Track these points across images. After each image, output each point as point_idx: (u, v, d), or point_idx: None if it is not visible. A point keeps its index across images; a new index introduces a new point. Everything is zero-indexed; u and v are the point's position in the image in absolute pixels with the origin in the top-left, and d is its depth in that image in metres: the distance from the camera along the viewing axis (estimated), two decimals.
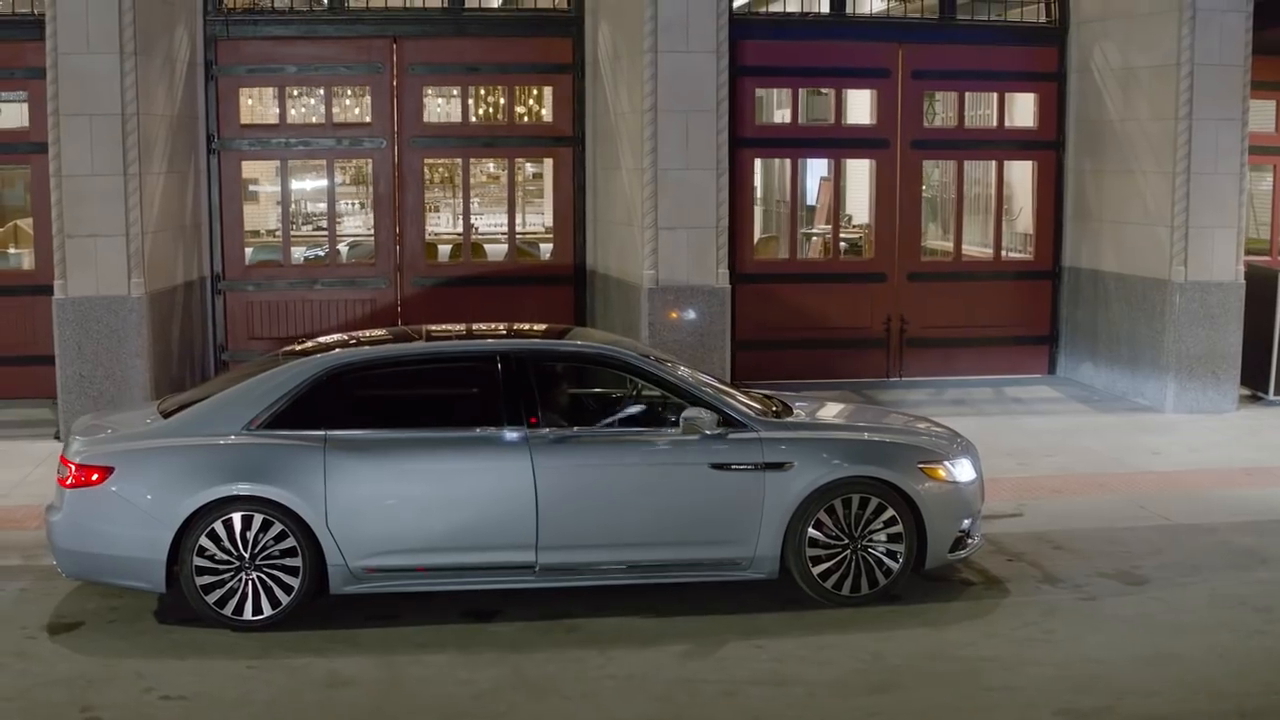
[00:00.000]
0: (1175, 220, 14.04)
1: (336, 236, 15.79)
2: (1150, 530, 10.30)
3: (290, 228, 15.65)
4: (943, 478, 8.73)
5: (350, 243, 18.59)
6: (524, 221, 20.18)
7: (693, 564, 8.49)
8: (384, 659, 7.73)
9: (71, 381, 12.81)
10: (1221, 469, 12.14)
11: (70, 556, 8.20)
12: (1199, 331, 14.16)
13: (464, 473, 8.29)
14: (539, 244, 18.58)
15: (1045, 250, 15.93)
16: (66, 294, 12.72)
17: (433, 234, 18.20)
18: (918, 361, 15.77)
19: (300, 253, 17.64)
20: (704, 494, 8.40)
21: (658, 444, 8.46)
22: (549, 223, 17.91)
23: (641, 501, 8.34)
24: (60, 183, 12.59)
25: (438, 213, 21.86)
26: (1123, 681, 7.40)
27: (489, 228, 20.28)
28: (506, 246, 15.95)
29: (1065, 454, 12.72)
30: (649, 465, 8.38)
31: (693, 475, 8.38)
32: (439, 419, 8.48)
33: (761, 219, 20.37)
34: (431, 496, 8.24)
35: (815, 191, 20.30)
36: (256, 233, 18.76)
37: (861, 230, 20.16)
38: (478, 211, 18.63)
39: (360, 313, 15.06)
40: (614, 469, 8.35)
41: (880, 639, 8.05)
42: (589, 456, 8.37)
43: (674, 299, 13.59)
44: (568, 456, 8.32)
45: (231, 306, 14.86)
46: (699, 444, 8.40)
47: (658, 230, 13.51)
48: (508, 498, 8.24)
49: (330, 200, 15.55)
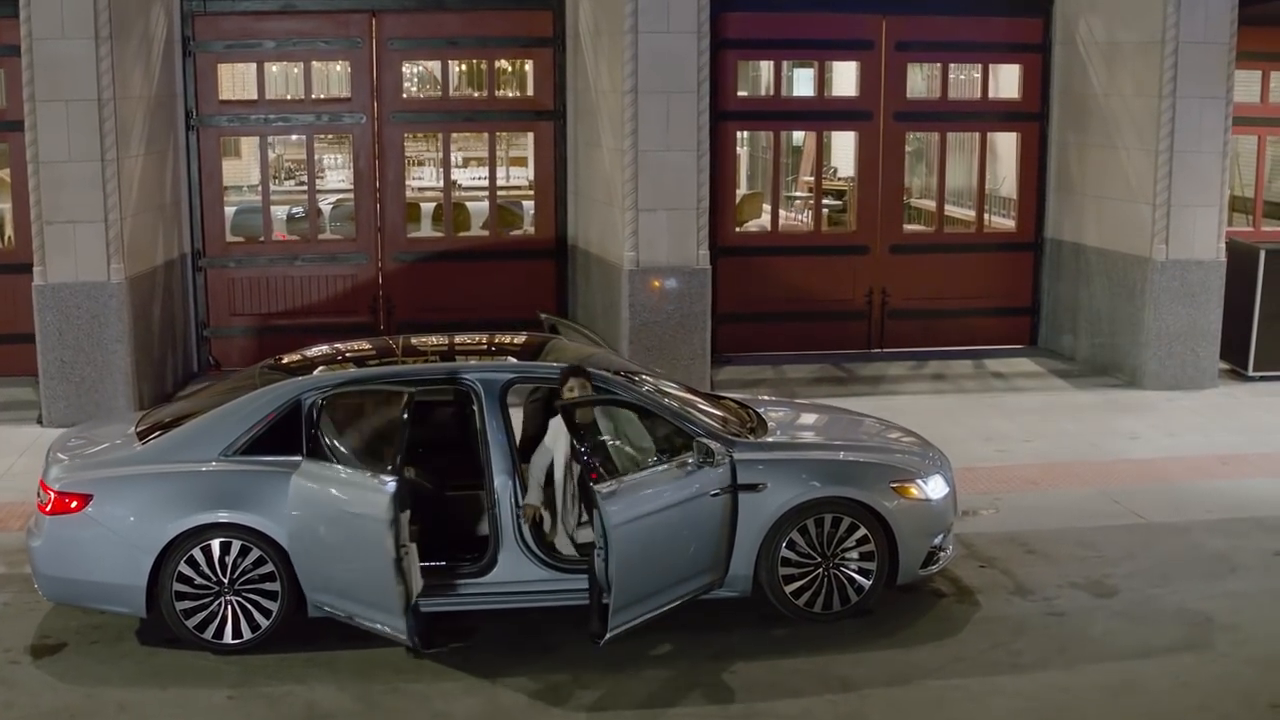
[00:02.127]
0: (1157, 199, 14.04)
1: (318, 204, 15.71)
2: (1122, 531, 10.41)
3: (270, 193, 15.55)
4: (915, 496, 8.82)
5: (333, 202, 18.57)
6: (508, 176, 20.13)
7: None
8: (362, 688, 7.84)
9: (53, 367, 12.84)
10: (1197, 457, 12.24)
11: (52, 582, 8.28)
12: (1179, 309, 14.22)
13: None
14: (521, 201, 18.57)
15: (1027, 222, 15.93)
16: (46, 280, 12.72)
17: (414, 190, 18.18)
18: (899, 333, 15.82)
19: (282, 211, 17.62)
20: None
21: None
22: (531, 176, 17.89)
23: None
24: (38, 169, 12.54)
25: (421, 166, 21.78)
26: (1088, 715, 7.54)
27: (471, 181, 20.20)
28: (487, 206, 15.89)
29: (1043, 439, 12.81)
30: None
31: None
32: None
33: (747, 164, 20.29)
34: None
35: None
36: (239, 187, 18.71)
37: (846, 183, 20.16)
38: (459, 165, 18.52)
39: (341, 288, 15.06)
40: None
41: (850, 662, 8.17)
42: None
43: (656, 292, 13.58)
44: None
45: (213, 283, 14.84)
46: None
47: (638, 212, 13.49)
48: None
49: (310, 177, 15.47)
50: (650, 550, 7.89)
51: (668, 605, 8.12)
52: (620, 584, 7.73)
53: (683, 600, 8.24)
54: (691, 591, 8.29)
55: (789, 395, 14.20)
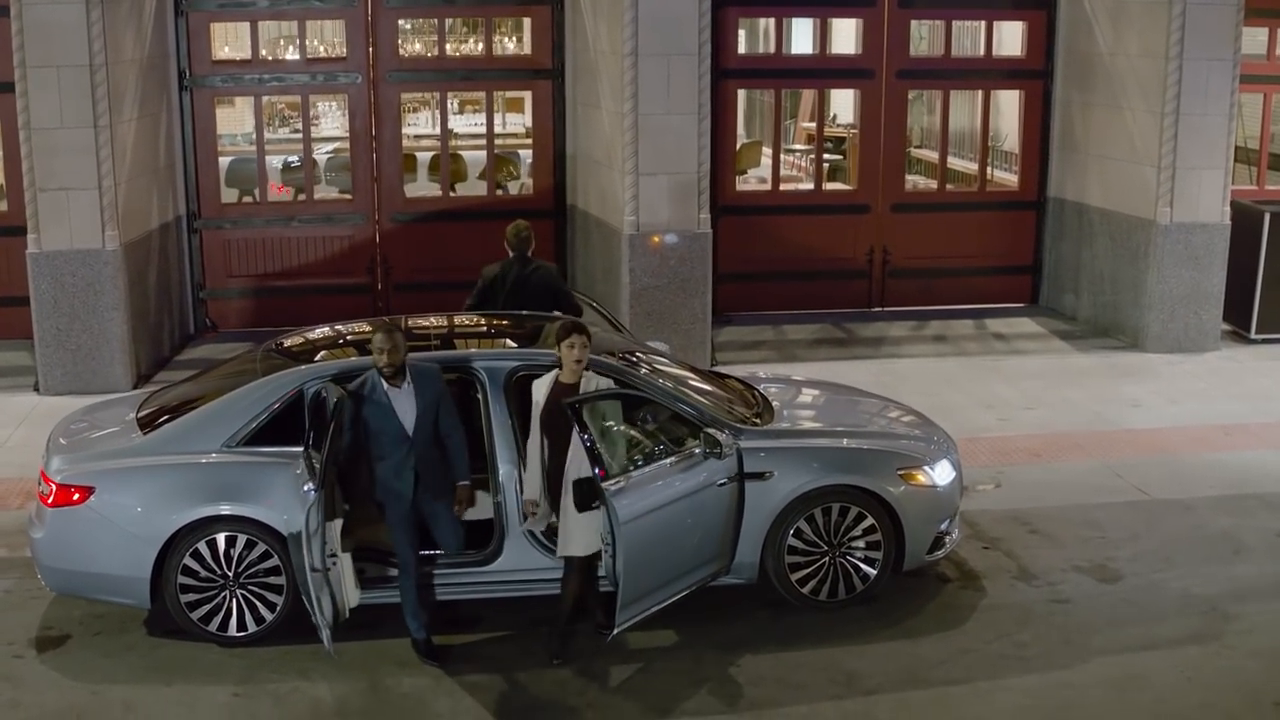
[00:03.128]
0: (1162, 161, 13.91)
1: (313, 159, 15.53)
2: (1126, 509, 10.39)
3: (265, 148, 15.37)
4: (922, 482, 8.78)
5: (329, 151, 18.39)
6: (504, 123, 19.94)
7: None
8: (368, 682, 7.82)
9: (49, 335, 12.74)
10: (1200, 427, 12.21)
11: (55, 573, 8.24)
12: (1183, 273, 14.13)
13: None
14: (518, 151, 18.39)
15: (1030, 181, 15.80)
16: (40, 248, 12.58)
17: (410, 138, 17.97)
18: (900, 292, 15.75)
19: (277, 161, 17.45)
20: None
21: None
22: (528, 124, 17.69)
23: None
24: (30, 136, 12.37)
25: (416, 113, 21.55)
26: (1092, 713, 7.54)
27: (467, 128, 20.00)
28: (484, 156, 15.73)
29: (1045, 406, 12.77)
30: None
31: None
32: None
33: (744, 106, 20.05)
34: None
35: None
36: (233, 136, 18.52)
37: (846, 130, 19.97)
38: (455, 112, 18.29)
39: (338, 249, 14.92)
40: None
41: (855, 654, 8.17)
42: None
43: (656, 249, 13.46)
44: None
45: (208, 245, 14.70)
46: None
47: (638, 176, 13.34)
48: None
49: (305, 137, 15.30)
50: (657, 544, 7.85)
51: (674, 596, 8.10)
52: (628, 579, 7.70)
53: (689, 590, 8.22)
54: (698, 581, 8.27)
55: (789, 358, 14.18)
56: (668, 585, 8.04)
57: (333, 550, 7.42)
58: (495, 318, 9.99)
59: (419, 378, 7.94)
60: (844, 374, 13.52)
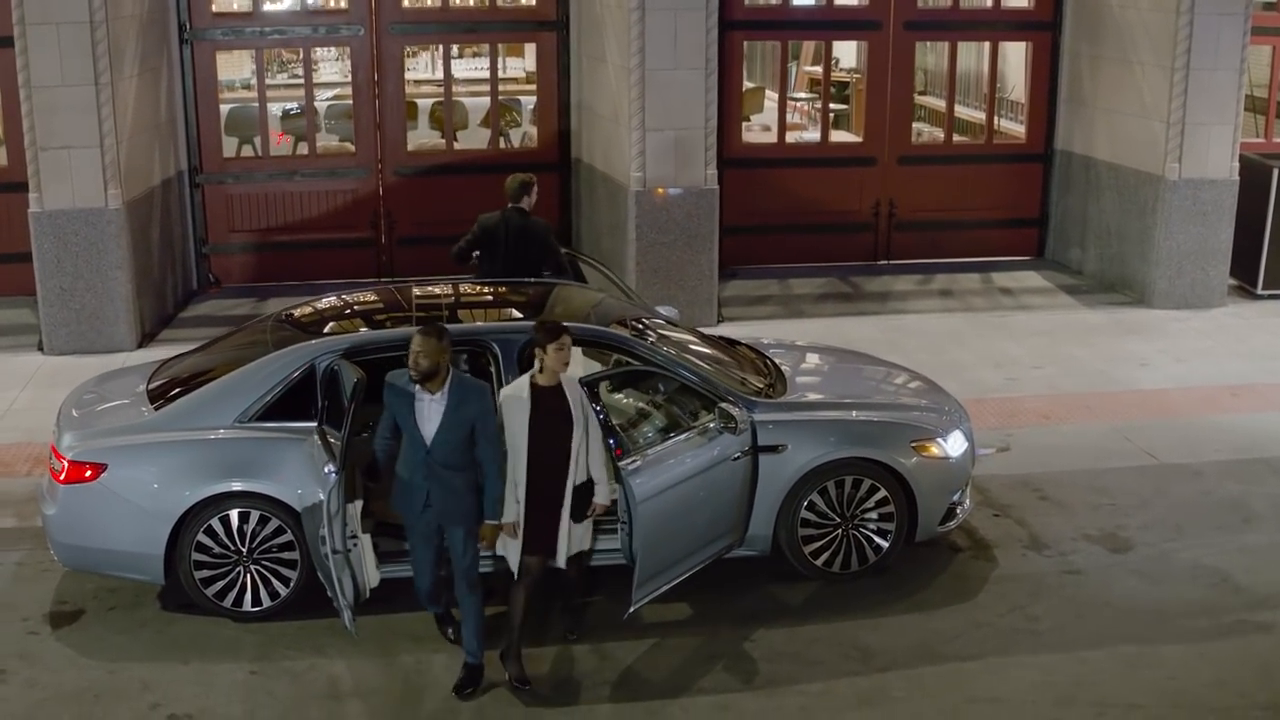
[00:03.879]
0: (1172, 116, 13.81)
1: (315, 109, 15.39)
2: (1135, 474, 10.40)
3: (266, 97, 15.22)
4: (935, 454, 8.77)
5: (329, 98, 18.23)
6: (504, 67, 19.74)
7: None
8: (384, 659, 7.84)
9: (52, 295, 12.67)
10: (1208, 387, 12.20)
11: (68, 550, 8.23)
12: (1191, 229, 14.07)
13: None
14: (519, 98, 18.23)
15: (1037, 133, 15.69)
16: (43, 207, 12.48)
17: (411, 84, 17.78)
18: (905, 245, 15.68)
19: (276, 109, 17.28)
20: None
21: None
22: (530, 68, 17.51)
23: None
24: (30, 94, 12.23)
25: (416, 57, 21.34)
26: (1105, 690, 7.57)
27: (468, 73, 19.81)
28: (486, 103, 15.56)
29: (1053, 364, 12.75)
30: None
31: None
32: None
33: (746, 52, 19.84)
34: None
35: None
36: (232, 83, 18.34)
37: (849, 74, 19.81)
38: (456, 56, 18.09)
39: (341, 203, 14.82)
40: None
41: (868, 628, 8.20)
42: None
43: (661, 200, 13.38)
44: None
45: (210, 200, 14.59)
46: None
47: (645, 131, 13.24)
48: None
49: (308, 90, 15.14)
50: (673, 521, 7.85)
51: (689, 571, 8.11)
52: (644, 558, 7.71)
53: (703, 564, 8.23)
54: (712, 555, 8.27)
55: (795, 314, 14.14)
56: (683, 560, 8.05)
57: (353, 531, 7.41)
58: (500, 283, 9.93)
59: (458, 391, 7.27)
60: (850, 330, 13.56)
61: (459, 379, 7.35)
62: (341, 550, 7.33)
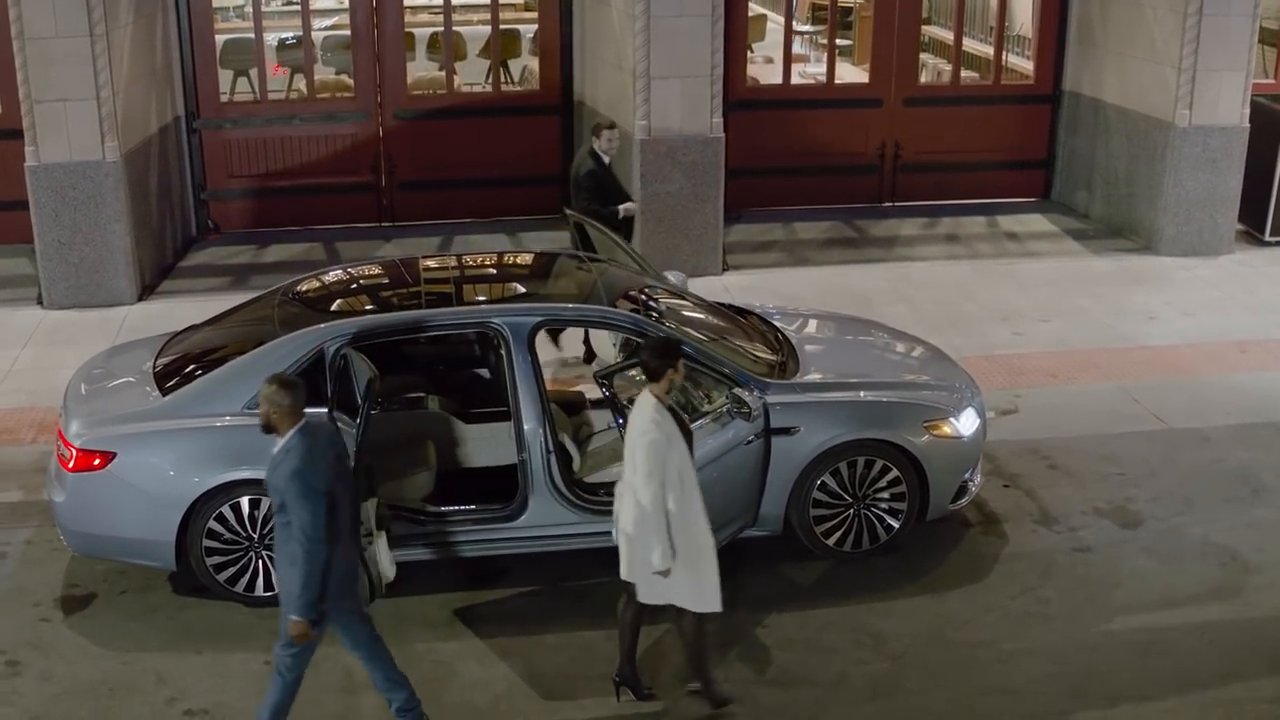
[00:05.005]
0: (1183, 62, 13.61)
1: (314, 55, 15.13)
2: (1143, 440, 10.39)
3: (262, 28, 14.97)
4: (947, 434, 8.73)
5: (327, 28, 17.90)
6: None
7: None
8: (397, 647, 7.75)
9: (51, 249, 12.54)
10: (1216, 343, 12.15)
11: (78, 537, 8.20)
12: (1200, 176, 13.94)
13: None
14: (519, 27, 17.91)
15: (1045, 74, 15.48)
16: (39, 160, 12.31)
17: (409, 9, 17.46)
18: (911, 186, 15.54)
19: (272, 39, 16.97)
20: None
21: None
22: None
23: None
24: (24, 46, 12.00)
25: None
26: (1116, 681, 7.61)
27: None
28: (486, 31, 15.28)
29: (1060, 317, 12.69)
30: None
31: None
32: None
33: None
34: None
35: None
36: (226, 10, 17.99)
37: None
38: None
39: (341, 147, 14.63)
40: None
41: (881, 611, 8.22)
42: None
43: (666, 150, 13.21)
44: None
45: (208, 145, 14.39)
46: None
47: (650, 80, 13.04)
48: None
49: (305, 26, 14.85)
50: None
51: None
52: None
53: (716, 548, 8.21)
54: (725, 538, 8.25)
55: (801, 261, 14.05)
56: None
57: (368, 529, 7.38)
58: (505, 255, 9.84)
59: (284, 447, 6.55)
60: (857, 281, 13.47)
61: (303, 430, 6.54)
62: None
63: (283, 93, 16.44)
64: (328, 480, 6.43)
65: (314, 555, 6.37)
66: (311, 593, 6.42)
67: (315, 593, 6.42)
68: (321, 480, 6.39)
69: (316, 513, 6.37)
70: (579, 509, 8.34)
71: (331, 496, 6.45)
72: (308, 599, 6.43)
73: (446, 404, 9.25)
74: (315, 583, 6.42)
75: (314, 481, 6.38)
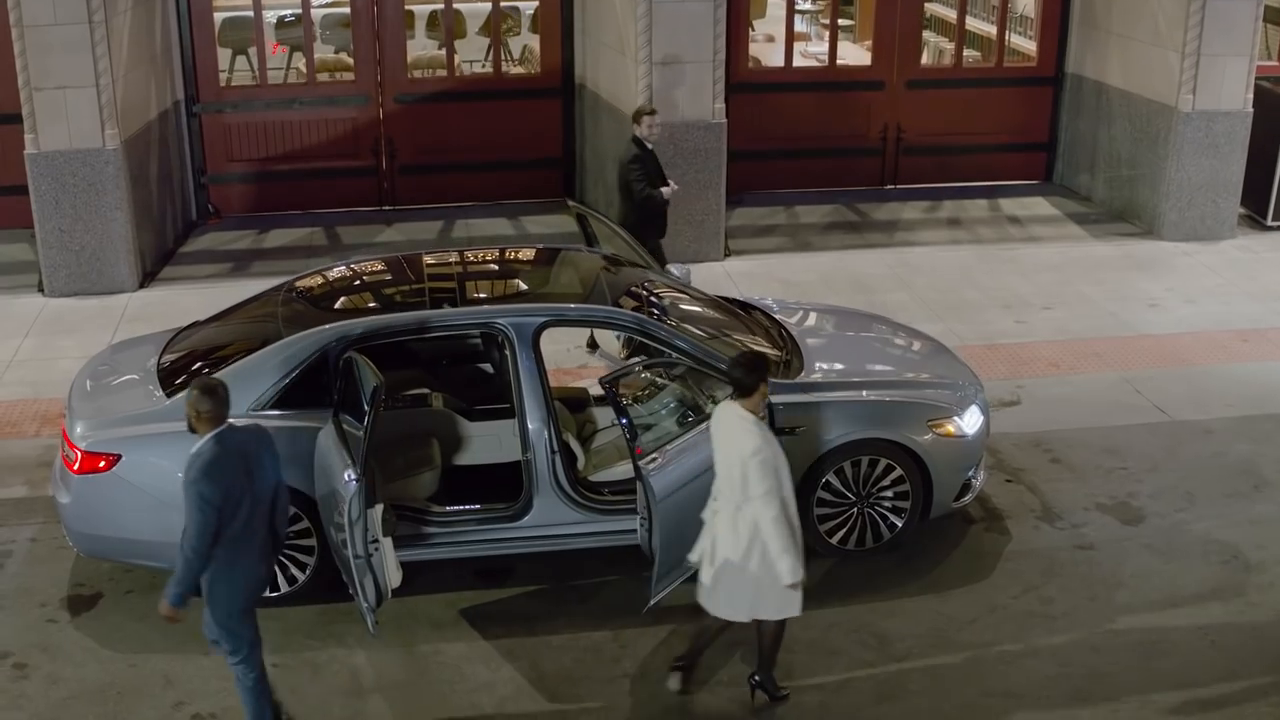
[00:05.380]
0: (1187, 47, 13.56)
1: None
2: (1145, 432, 10.41)
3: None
4: (952, 433, 8.74)
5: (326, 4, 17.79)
6: None
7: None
8: (404, 649, 7.89)
9: (51, 237, 12.51)
10: (1218, 331, 12.17)
11: (84, 538, 8.21)
12: (1203, 161, 13.91)
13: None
14: (518, 5, 17.83)
15: (1048, 56, 15.44)
16: (39, 148, 12.28)
17: None
18: (913, 169, 15.53)
19: (271, 15, 16.88)
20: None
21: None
22: None
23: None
24: (23, 34, 11.94)
25: None
26: (1120, 682, 7.65)
27: None
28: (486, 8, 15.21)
29: (1062, 305, 12.69)
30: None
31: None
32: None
33: None
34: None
35: None
36: None
37: None
38: None
39: (341, 131, 14.58)
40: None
41: (884, 612, 8.25)
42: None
43: (668, 136, 13.15)
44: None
45: (209, 129, 14.35)
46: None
47: (651, 65, 12.98)
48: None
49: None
50: (692, 511, 7.81)
51: None
52: (664, 553, 7.70)
53: None
54: None
55: (803, 246, 14.03)
56: None
57: (374, 536, 7.39)
58: (507, 250, 9.81)
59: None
60: (859, 267, 13.46)
61: (215, 438, 6.65)
62: (363, 555, 7.32)
63: (282, 70, 16.41)
64: (225, 493, 6.56)
65: (192, 562, 6.60)
66: (183, 587, 6.64)
67: (186, 588, 6.65)
68: (217, 494, 6.54)
69: (204, 525, 6.54)
70: (584, 509, 8.36)
71: (229, 507, 6.58)
72: (177, 591, 6.66)
73: (450, 400, 9.25)
74: (188, 580, 6.64)
75: (207, 494, 6.53)
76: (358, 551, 7.30)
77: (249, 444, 6.78)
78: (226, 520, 6.56)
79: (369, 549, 7.37)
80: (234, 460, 6.63)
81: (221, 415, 6.67)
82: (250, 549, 6.75)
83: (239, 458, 6.66)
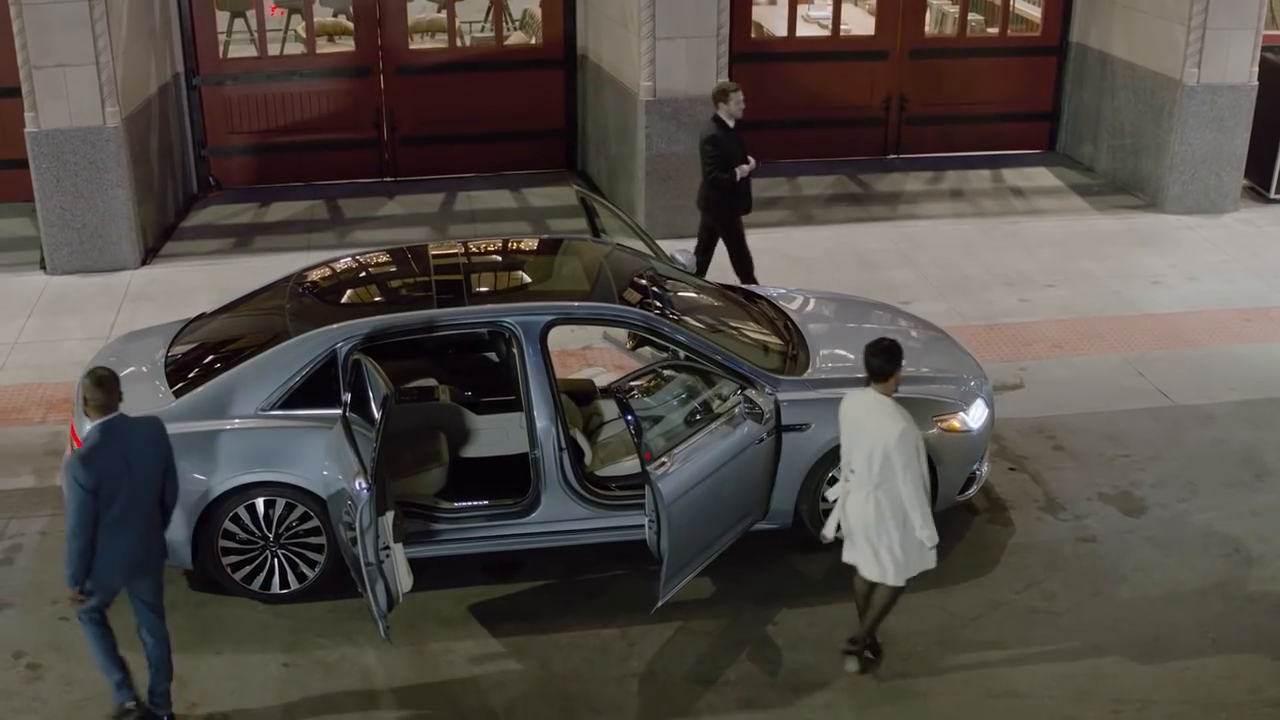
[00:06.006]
0: (1193, 21, 13.49)
1: None
2: (1148, 418, 10.46)
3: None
4: (958, 429, 8.79)
5: None
6: None
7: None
8: (414, 647, 7.96)
9: (53, 215, 12.48)
10: (1221, 311, 12.20)
11: None
12: (1207, 134, 13.88)
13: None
14: None
15: (1053, 25, 15.35)
16: (39, 126, 12.22)
17: None
18: (916, 139, 15.48)
19: None
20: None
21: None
22: None
23: None
24: (21, 11, 11.84)
25: None
26: (1121, 684, 7.73)
27: None
28: None
29: (1065, 282, 12.70)
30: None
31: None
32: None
33: None
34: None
35: None
36: None
37: None
38: None
39: (343, 104, 14.51)
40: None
41: None
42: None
43: (671, 112, 13.11)
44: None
45: (209, 102, 14.27)
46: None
47: (655, 40, 12.90)
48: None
49: None
50: (701, 513, 7.90)
51: (715, 554, 8.19)
52: (673, 554, 7.77)
53: (728, 544, 8.31)
54: (735, 535, 8.35)
55: (806, 220, 14.02)
56: (709, 546, 8.12)
57: (385, 543, 7.44)
58: (510, 240, 9.80)
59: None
60: (862, 241, 13.46)
61: (100, 426, 6.91)
62: (374, 562, 7.37)
63: (280, 33, 16.31)
64: (98, 479, 6.78)
65: (70, 542, 6.86)
66: (70, 567, 6.91)
67: (74, 568, 6.90)
68: (90, 479, 6.77)
69: (80, 506, 6.79)
70: (591, 504, 8.42)
71: (104, 492, 6.79)
72: (68, 572, 6.93)
73: (456, 394, 9.28)
74: (73, 560, 6.88)
75: (81, 478, 6.78)
76: (369, 558, 7.36)
77: (132, 435, 7.01)
78: (104, 505, 6.82)
79: (380, 555, 7.43)
80: (114, 448, 6.88)
81: (110, 404, 6.93)
82: (127, 533, 6.98)
83: (120, 446, 6.91)
